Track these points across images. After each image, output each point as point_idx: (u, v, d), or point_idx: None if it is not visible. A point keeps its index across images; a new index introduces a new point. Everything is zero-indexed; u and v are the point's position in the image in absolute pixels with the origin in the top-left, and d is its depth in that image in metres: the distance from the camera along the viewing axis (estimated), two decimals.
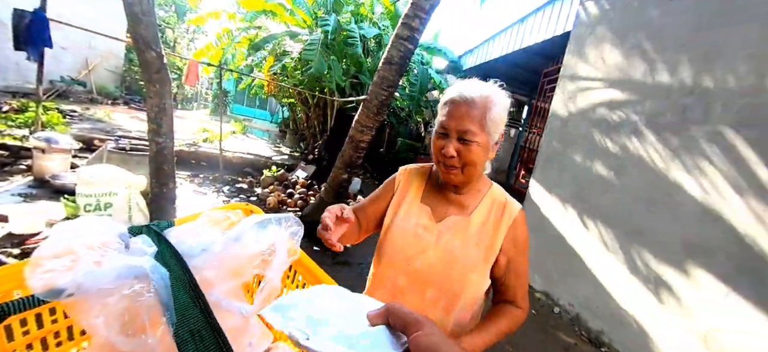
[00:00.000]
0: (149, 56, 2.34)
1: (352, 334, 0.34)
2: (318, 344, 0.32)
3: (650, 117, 2.82)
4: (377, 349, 0.32)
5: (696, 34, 2.59)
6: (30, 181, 3.56)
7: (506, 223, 0.86)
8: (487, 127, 0.78)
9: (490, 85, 0.83)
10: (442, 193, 0.92)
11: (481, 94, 0.79)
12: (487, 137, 0.79)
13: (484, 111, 0.78)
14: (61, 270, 0.41)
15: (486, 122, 0.78)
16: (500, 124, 0.81)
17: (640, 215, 2.77)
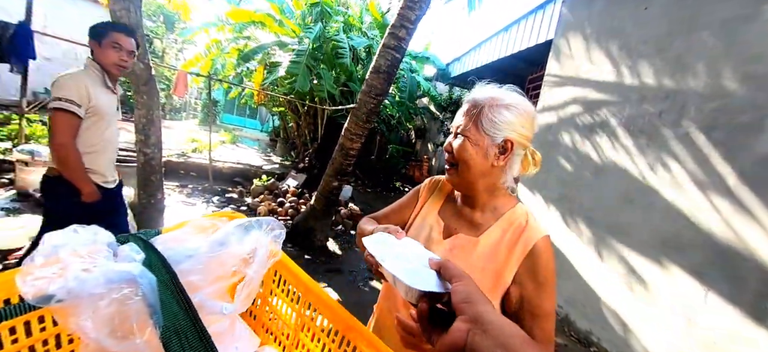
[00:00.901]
0: (137, 68, 2.34)
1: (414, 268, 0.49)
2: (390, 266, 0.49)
3: (629, 120, 2.93)
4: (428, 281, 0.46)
5: (667, 40, 2.72)
6: (12, 194, 3.49)
7: (521, 250, 0.73)
8: (484, 126, 0.72)
9: (504, 89, 0.77)
10: (457, 207, 0.84)
11: (486, 95, 0.75)
12: (483, 138, 0.73)
13: (482, 110, 0.73)
14: (51, 277, 0.43)
15: (482, 120, 0.72)
16: (504, 128, 0.72)
17: (619, 213, 2.87)
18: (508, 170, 0.77)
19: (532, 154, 0.79)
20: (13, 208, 3.20)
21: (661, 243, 2.52)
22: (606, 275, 2.89)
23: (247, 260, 0.53)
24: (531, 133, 0.76)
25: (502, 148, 0.74)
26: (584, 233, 3.16)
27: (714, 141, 2.33)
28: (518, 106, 0.74)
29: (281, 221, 3.52)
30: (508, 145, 0.73)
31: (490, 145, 0.73)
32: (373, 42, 6.58)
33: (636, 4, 3.05)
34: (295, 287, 0.69)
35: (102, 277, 0.43)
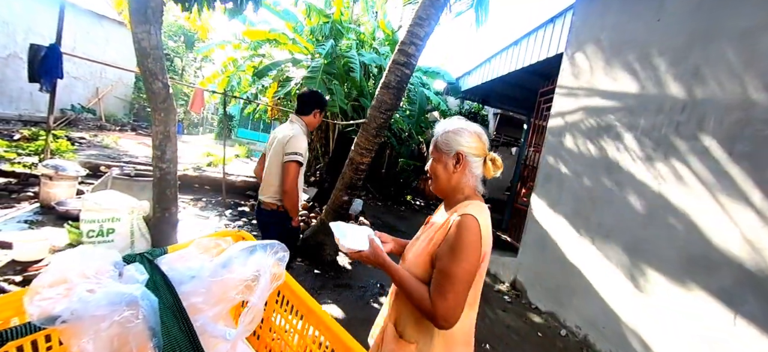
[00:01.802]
0: (156, 87, 2.44)
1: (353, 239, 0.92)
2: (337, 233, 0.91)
3: (645, 132, 2.85)
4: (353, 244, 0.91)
5: (684, 51, 2.66)
6: (36, 207, 3.63)
7: (448, 225, 0.93)
8: (440, 148, 1.01)
9: (452, 119, 1.06)
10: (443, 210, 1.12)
11: (440, 128, 1.05)
12: (442, 155, 1.00)
13: (438, 137, 1.03)
14: (57, 298, 0.44)
15: (439, 144, 1.02)
16: (454, 145, 0.99)
17: (639, 230, 2.76)
18: (467, 174, 1.00)
19: (491, 160, 1.01)
20: (36, 220, 3.32)
21: (687, 262, 2.40)
22: (626, 295, 2.76)
23: (251, 285, 0.53)
24: (478, 144, 1.00)
25: (457, 160, 0.98)
26: (602, 250, 3.04)
27: (738, 154, 2.23)
28: (461, 128, 1.01)
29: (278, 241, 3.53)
30: (460, 156, 0.98)
31: (448, 159, 0.99)
32: (383, 59, 6.68)
33: (648, 17, 3.01)
34: (298, 308, 0.68)
35: (104, 299, 0.44)
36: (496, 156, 1.02)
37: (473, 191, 1.01)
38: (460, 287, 0.84)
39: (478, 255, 0.87)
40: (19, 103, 9.16)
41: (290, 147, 1.95)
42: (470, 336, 0.99)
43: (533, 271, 3.83)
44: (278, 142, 2.02)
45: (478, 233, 0.87)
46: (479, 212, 0.91)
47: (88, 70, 10.49)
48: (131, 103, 12.79)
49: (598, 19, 3.57)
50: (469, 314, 0.95)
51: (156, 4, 2.30)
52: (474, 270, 0.87)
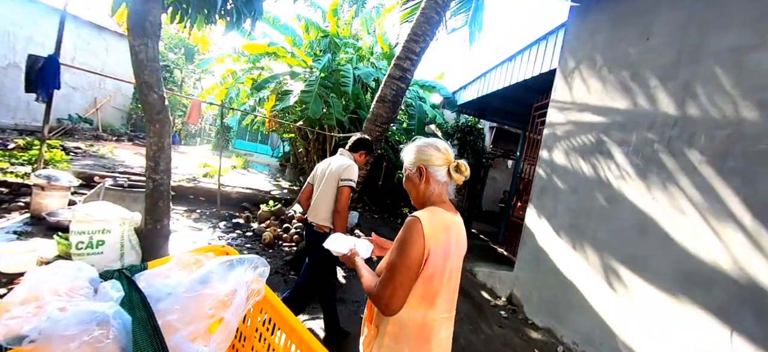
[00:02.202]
0: (151, 99, 2.45)
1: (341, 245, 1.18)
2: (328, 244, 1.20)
3: (638, 147, 2.88)
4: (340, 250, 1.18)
5: (673, 69, 2.72)
6: (26, 218, 3.58)
7: None
8: (407, 166, 1.16)
9: (412, 142, 1.19)
10: None
11: (404, 152, 1.20)
12: (408, 172, 1.15)
13: (404, 159, 1.18)
14: (26, 316, 0.43)
15: (405, 164, 1.17)
16: (415, 161, 1.13)
17: (634, 245, 2.75)
18: (433, 184, 1.11)
19: (454, 168, 1.10)
20: (25, 231, 3.27)
21: (683, 278, 2.39)
22: (623, 311, 2.74)
23: (226, 301, 0.52)
24: (437, 155, 1.11)
25: (420, 173, 1.11)
26: (598, 264, 3.03)
27: (728, 170, 2.26)
28: (420, 145, 1.15)
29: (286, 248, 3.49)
30: (421, 169, 1.11)
31: (414, 175, 1.13)
32: (380, 73, 6.77)
33: (638, 35, 3.08)
34: (280, 326, 0.67)
35: (74, 318, 0.43)
36: (461, 162, 1.11)
37: (439, 198, 1.11)
38: (398, 278, 0.95)
39: (420, 251, 0.96)
40: (16, 113, 9.15)
41: (347, 174, 2.24)
42: (427, 333, 1.03)
43: (529, 285, 3.80)
44: (333, 171, 2.28)
45: (420, 232, 0.97)
46: (429, 215, 1.02)
47: (86, 80, 10.53)
48: (129, 113, 12.80)
49: (589, 37, 3.65)
50: (424, 311, 1.02)
51: (154, 18, 2.33)
52: (414, 264, 0.96)
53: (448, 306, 1.10)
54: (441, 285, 1.03)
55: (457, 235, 1.09)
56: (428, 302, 1.02)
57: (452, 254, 1.05)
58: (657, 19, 2.96)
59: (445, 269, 1.02)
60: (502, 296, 4.16)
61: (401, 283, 0.95)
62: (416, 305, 1.01)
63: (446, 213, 1.07)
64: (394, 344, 1.02)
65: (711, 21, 2.53)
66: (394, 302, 0.94)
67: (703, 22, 2.58)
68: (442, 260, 1.01)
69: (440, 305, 1.05)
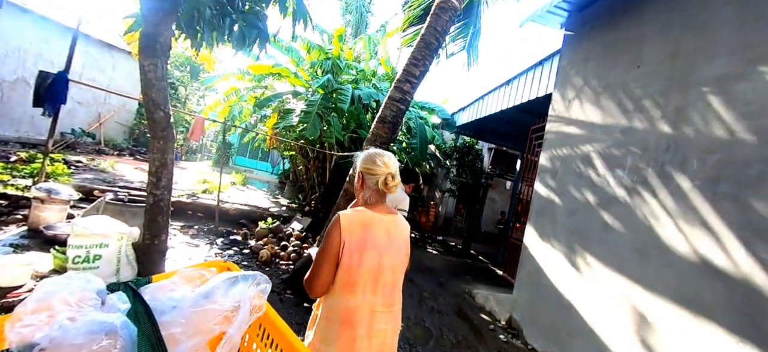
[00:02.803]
0: (158, 116, 2.51)
1: None
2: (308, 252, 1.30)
3: (632, 171, 2.93)
4: None
5: (664, 96, 2.80)
6: (23, 231, 3.57)
7: None
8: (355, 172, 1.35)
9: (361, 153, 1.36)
10: None
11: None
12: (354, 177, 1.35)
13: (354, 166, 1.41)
14: (38, 325, 0.45)
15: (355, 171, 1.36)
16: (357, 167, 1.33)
17: (634, 268, 2.75)
18: (365, 189, 1.29)
19: (383, 183, 1.24)
20: (22, 244, 3.26)
21: (684, 303, 2.38)
22: (625, 336, 2.70)
23: (230, 316, 0.54)
24: (371, 166, 1.27)
25: (359, 178, 1.30)
26: (598, 288, 3.01)
27: (721, 194, 2.29)
28: (362, 156, 1.32)
29: (283, 266, 3.47)
30: (360, 175, 1.30)
31: (356, 181, 1.33)
32: (381, 94, 6.92)
33: (629, 62, 3.19)
34: (279, 342, 0.68)
35: (84, 327, 0.45)
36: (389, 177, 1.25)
37: (370, 200, 1.28)
38: (317, 264, 1.15)
39: (336, 242, 1.13)
40: (20, 126, 9.24)
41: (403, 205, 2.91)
42: (351, 318, 1.15)
43: (529, 309, 3.76)
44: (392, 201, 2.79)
45: (338, 226, 1.14)
46: (350, 212, 1.21)
47: (92, 95, 10.70)
48: (132, 128, 12.93)
49: (582, 64, 3.78)
50: (347, 298, 1.15)
51: (165, 40, 2.42)
52: (331, 252, 1.13)
53: (384, 300, 1.20)
54: (359, 275, 1.15)
55: (381, 230, 1.21)
56: (349, 290, 1.14)
57: (374, 247, 1.17)
58: (646, 48, 3.08)
59: (362, 261, 1.15)
60: (501, 319, 4.10)
61: (320, 268, 1.14)
62: (339, 292, 1.15)
63: (371, 213, 1.22)
64: (326, 324, 1.17)
65: (697, 51, 2.64)
66: (315, 285, 1.15)
67: (690, 51, 2.69)
68: (359, 252, 1.14)
69: (366, 295, 1.16)
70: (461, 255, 7.40)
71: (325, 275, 1.13)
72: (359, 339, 1.14)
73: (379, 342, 1.19)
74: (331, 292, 1.17)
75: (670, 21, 2.92)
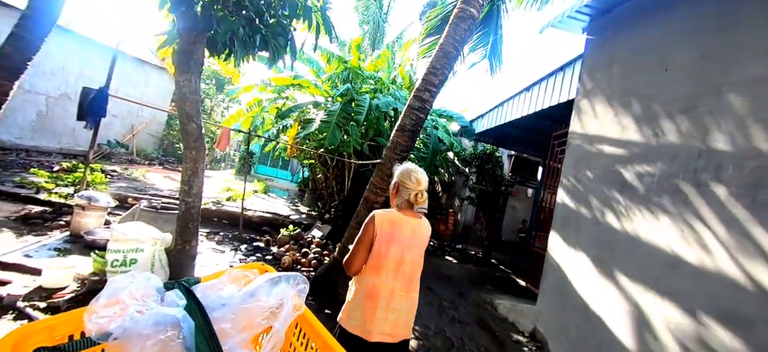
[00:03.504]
0: (190, 128, 2.66)
1: None
2: None
3: (662, 179, 2.82)
4: None
5: (695, 99, 2.70)
6: (66, 236, 3.82)
7: None
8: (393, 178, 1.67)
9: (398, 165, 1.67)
10: None
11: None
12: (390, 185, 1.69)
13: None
14: (110, 317, 0.51)
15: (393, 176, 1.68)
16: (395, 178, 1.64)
17: (666, 280, 2.63)
18: (398, 197, 1.61)
19: (414, 197, 1.55)
20: (65, 248, 3.49)
21: (722, 317, 2.25)
22: (657, 350, 2.58)
23: (275, 312, 0.59)
24: (406, 181, 1.57)
25: (395, 188, 1.62)
26: (627, 300, 2.90)
27: (761, 202, 2.17)
28: (400, 170, 1.62)
29: (304, 273, 3.55)
30: (396, 185, 1.61)
31: (392, 186, 1.65)
32: (400, 103, 6.99)
33: (655, 66, 3.10)
34: (314, 341, 0.72)
35: (151, 319, 0.50)
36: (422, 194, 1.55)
37: (397, 206, 1.59)
38: (355, 249, 1.49)
39: (370, 232, 1.46)
40: (62, 138, 9.94)
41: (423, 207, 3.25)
42: (374, 293, 1.45)
43: (554, 321, 3.64)
44: None
45: (373, 220, 1.47)
46: (383, 212, 1.51)
47: (126, 108, 11.38)
48: (161, 139, 13.61)
49: (606, 69, 3.69)
50: (373, 278, 1.46)
51: (198, 57, 2.58)
52: (366, 239, 1.47)
53: (402, 286, 1.50)
54: (385, 261, 1.46)
55: (407, 229, 1.51)
56: (376, 271, 1.46)
57: (399, 242, 1.48)
58: (673, 51, 2.98)
59: (389, 250, 1.46)
60: (525, 330, 3.99)
61: (357, 252, 1.47)
62: (368, 272, 1.47)
63: (400, 215, 1.52)
64: (355, 296, 1.49)
65: (730, 52, 2.54)
66: (352, 263, 1.48)
67: (722, 53, 2.59)
68: (387, 243, 1.46)
69: (388, 278, 1.47)
70: (481, 264, 7.28)
71: (360, 258, 1.46)
72: (379, 311, 1.43)
73: (395, 318, 1.47)
74: (363, 271, 1.49)
75: (699, 22, 2.82)
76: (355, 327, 1.44)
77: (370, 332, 1.42)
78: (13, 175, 5.92)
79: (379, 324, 1.42)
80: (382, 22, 14.89)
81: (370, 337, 1.41)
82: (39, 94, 9.37)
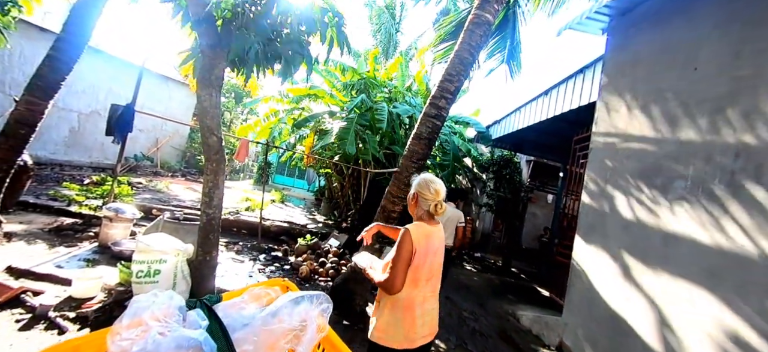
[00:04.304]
0: (211, 141, 2.72)
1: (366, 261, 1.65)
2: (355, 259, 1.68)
3: (697, 182, 2.66)
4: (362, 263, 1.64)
5: (729, 98, 2.54)
6: (95, 247, 3.97)
7: None
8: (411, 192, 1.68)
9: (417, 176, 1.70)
10: None
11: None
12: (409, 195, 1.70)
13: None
14: (133, 339, 0.50)
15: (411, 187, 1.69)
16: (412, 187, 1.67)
17: (706, 290, 2.45)
18: (418, 208, 1.63)
19: (433, 208, 1.59)
20: (93, 259, 3.62)
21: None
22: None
23: (299, 334, 0.56)
24: (425, 192, 1.60)
25: (414, 197, 1.64)
26: (663, 312, 2.72)
27: None
28: (418, 181, 1.65)
29: (321, 283, 3.53)
30: (415, 195, 1.64)
31: (411, 198, 1.67)
32: (416, 110, 6.97)
33: (683, 65, 2.95)
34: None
35: (173, 342, 0.49)
36: (440, 206, 1.59)
37: (419, 217, 1.63)
38: (397, 267, 1.45)
39: (409, 249, 1.46)
40: (92, 152, 10.45)
41: (462, 219, 4.23)
42: (411, 304, 1.52)
43: (583, 333, 3.47)
44: (452, 217, 4.09)
45: (409, 237, 1.47)
46: (415, 226, 1.53)
47: (151, 123, 11.86)
48: (184, 151, 14.11)
49: (630, 70, 3.55)
50: (410, 290, 1.51)
51: (218, 72, 2.65)
52: (405, 258, 1.46)
53: (432, 289, 1.62)
54: (422, 273, 1.52)
55: (436, 239, 1.59)
56: (414, 284, 1.51)
57: (431, 253, 1.55)
58: (702, 49, 2.83)
59: (425, 263, 1.52)
60: (550, 344, 3.82)
61: (399, 271, 1.45)
62: (406, 286, 1.50)
63: (427, 226, 1.57)
64: (391, 312, 1.52)
65: (765, 48, 2.38)
66: (396, 284, 1.44)
67: (759, 49, 2.43)
68: (424, 257, 1.50)
69: (423, 287, 1.55)
70: (502, 273, 7.07)
71: (403, 276, 1.45)
72: (417, 318, 1.52)
73: (430, 319, 1.59)
74: None
75: (729, 17, 2.67)
76: (398, 341, 1.50)
77: (414, 341, 1.51)
78: (47, 188, 6.24)
79: (419, 330, 1.53)
80: (395, 31, 15.01)
81: (414, 344, 1.52)
82: (71, 111, 9.91)
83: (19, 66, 8.27)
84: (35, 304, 2.47)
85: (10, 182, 3.78)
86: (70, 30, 3.70)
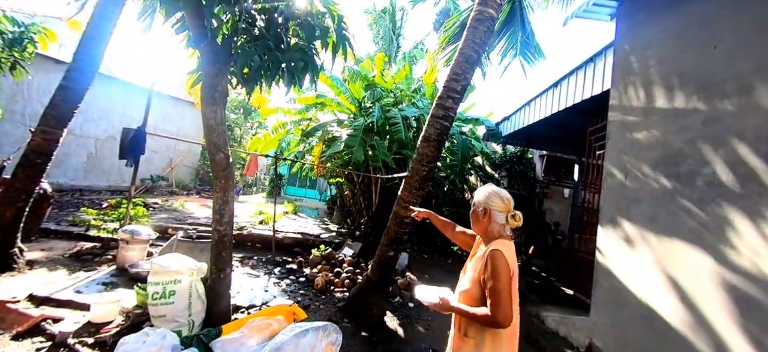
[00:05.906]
0: (219, 158, 2.71)
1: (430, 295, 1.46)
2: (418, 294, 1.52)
3: (730, 166, 2.48)
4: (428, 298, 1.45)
5: (758, 76, 2.37)
6: (113, 270, 4.02)
7: (485, 258, 1.39)
8: (476, 204, 1.55)
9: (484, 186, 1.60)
10: None
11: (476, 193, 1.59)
12: (476, 209, 1.54)
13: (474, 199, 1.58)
14: None
15: (474, 202, 1.56)
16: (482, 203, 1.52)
17: (749, 286, 2.27)
18: (493, 223, 1.48)
19: (511, 216, 1.47)
20: (111, 282, 3.66)
21: None
22: None
23: None
24: (499, 202, 1.49)
25: (484, 212, 1.50)
26: (705, 310, 2.54)
27: None
28: (486, 192, 1.53)
29: (338, 293, 3.46)
30: (486, 210, 1.50)
31: (480, 212, 1.52)
32: (423, 112, 6.90)
33: (701, 44, 2.79)
34: None
35: None
36: (517, 213, 1.48)
37: (501, 232, 1.48)
38: (505, 297, 1.29)
39: (508, 273, 1.33)
40: (109, 176, 10.75)
41: None
42: (514, 331, 1.40)
43: (613, 334, 3.28)
44: None
45: (505, 260, 1.34)
46: (503, 246, 1.38)
47: (164, 143, 12.15)
48: (197, 170, 14.39)
49: (643, 53, 3.39)
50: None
51: (222, 88, 2.65)
52: (508, 282, 1.31)
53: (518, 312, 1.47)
54: (516, 294, 1.39)
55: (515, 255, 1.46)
56: (514, 310, 1.35)
57: (517, 272, 1.42)
58: (721, 26, 2.67)
59: (515, 284, 1.39)
60: (579, 346, 3.64)
61: (507, 299, 1.29)
62: None
63: (510, 242, 1.43)
64: (493, 345, 1.36)
65: None
66: (510, 314, 1.28)
67: None
68: (516, 276, 1.39)
69: (517, 311, 1.40)
70: (522, 272, 6.86)
71: (510, 304, 1.30)
72: (516, 342, 1.43)
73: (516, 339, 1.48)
74: None
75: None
76: None
77: None
78: (67, 214, 6.41)
79: None
80: (395, 36, 15.00)
81: None
82: (89, 137, 10.24)
83: (38, 97, 8.61)
84: (55, 331, 2.49)
85: (30, 211, 3.88)
86: (80, 59, 3.80)
